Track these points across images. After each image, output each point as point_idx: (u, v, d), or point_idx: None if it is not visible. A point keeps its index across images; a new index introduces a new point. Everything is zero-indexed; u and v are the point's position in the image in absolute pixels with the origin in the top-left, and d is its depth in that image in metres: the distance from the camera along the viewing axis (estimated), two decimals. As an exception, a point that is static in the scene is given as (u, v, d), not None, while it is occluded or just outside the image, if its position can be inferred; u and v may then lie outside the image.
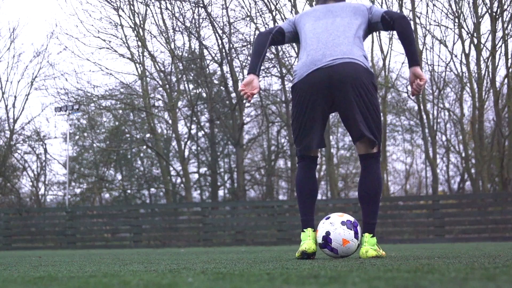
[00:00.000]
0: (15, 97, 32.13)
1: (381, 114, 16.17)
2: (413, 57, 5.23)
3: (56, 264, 5.53)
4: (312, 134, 5.10)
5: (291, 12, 25.59)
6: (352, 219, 5.23)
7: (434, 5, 24.84)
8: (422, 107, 25.45)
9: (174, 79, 28.35)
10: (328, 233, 5.10)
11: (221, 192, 33.30)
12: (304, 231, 5.15)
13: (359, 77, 4.91)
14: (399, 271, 3.00)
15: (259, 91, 5.35)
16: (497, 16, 23.32)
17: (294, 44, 25.63)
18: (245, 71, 26.43)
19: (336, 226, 5.13)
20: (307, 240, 5.05)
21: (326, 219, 5.27)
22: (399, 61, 40.14)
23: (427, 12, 25.66)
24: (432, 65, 26.31)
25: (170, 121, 30.10)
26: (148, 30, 27.72)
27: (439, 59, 27.11)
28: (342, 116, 5.12)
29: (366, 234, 5.11)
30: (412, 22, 24.90)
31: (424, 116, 25.56)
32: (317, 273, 3.00)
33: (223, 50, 25.70)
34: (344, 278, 2.62)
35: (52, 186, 35.54)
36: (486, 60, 24.10)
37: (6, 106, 32.08)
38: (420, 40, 25.13)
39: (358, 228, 5.19)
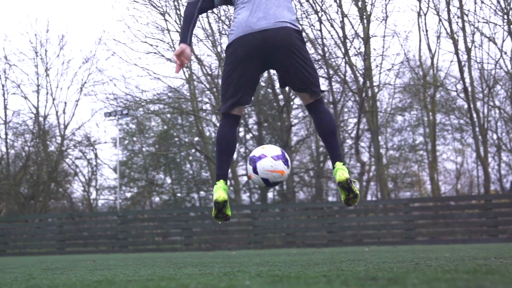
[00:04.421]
0: (65, 103, 32.60)
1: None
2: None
3: (111, 268, 5.59)
4: (240, 93, 5.30)
5: (336, 12, 25.51)
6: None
7: (482, 2, 24.53)
8: (472, 106, 25.12)
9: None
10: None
11: (270, 195, 33.30)
12: (216, 183, 5.24)
13: (291, 40, 5.13)
14: (457, 272, 2.97)
15: (190, 61, 5.53)
16: (548, 12, 22.93)
17: (341, 45, 25.66)
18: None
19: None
20: (218, 190, 5.14)
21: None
22: (447, 59, 39.77)
23: (475, 9, 25.43)
24: (481, 63, 25.99)
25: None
26: (194, 34, 27.84)
27: (488, 57, 26.76)
28: (280, 74, 5.33)
29: (338, 163, 5.23)
30: (460, 20, 24.65)
31: (474, 115, 25.24)
32: (375, 275, 2.99)
33: (270, 52, 25.66)
34: (403, 280, 2.60)
35: (103, 190, 35.98)
36: (537, 56, 23.71)
37: (57, 112, 32.57)
38: (469, 38, 24.85)
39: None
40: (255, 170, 5.11)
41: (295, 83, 5.24)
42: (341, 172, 5.13)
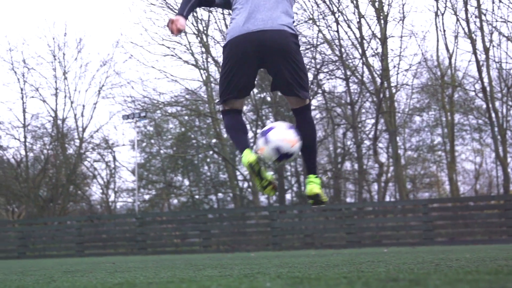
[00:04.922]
0: (83, 106, 32.73)
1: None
2: None
3: (131, 270, 5.60)
4: (237, 90, 5.35)
5: (353, 13, 25.47)
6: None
7: (500, 1, 24.38)
8: (490, 106, 24.97)
9: (238, 84, 28.42)
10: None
11: (288, 196, 33.29)
12: (242, 156, 5.30)
13: (287, 43, 5.18)
14: (479, 273, 2.95)
15: (184, 31, 5.54)
16: None
17: (358, 46, 25.60)
18: (309, 74, 26.37)
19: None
20: (246, 156, 5.18)
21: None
22: (465, 59, 39.56)
23: (493, 9, 25.12)
24: (500, 63, 25.83)
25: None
26: (212, 36, 27.91)
27: (507, 56, 26.49)
28: (272, 76, 5.36)
29: (311, 175, 5.45)
30: (478, 19, 24.53)
31: (493, 115, 25.09)
32: (396, 276, 2.97)
33: (287, 54, 25.64)
34: (425, 281, 2.59)
35: (121, 193, 36.09)
36: (556, 55, 23.53)
37: (75, 115, 32.70)
38: (487, 38, 24.70)
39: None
40: (266, 140, 5.10)
41: (285, 86, 5.29)
42: (312, 185, 5.40)
